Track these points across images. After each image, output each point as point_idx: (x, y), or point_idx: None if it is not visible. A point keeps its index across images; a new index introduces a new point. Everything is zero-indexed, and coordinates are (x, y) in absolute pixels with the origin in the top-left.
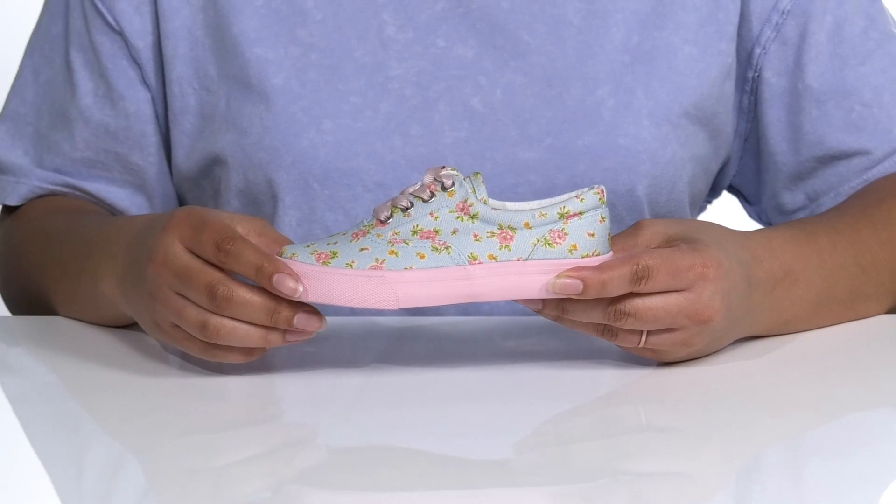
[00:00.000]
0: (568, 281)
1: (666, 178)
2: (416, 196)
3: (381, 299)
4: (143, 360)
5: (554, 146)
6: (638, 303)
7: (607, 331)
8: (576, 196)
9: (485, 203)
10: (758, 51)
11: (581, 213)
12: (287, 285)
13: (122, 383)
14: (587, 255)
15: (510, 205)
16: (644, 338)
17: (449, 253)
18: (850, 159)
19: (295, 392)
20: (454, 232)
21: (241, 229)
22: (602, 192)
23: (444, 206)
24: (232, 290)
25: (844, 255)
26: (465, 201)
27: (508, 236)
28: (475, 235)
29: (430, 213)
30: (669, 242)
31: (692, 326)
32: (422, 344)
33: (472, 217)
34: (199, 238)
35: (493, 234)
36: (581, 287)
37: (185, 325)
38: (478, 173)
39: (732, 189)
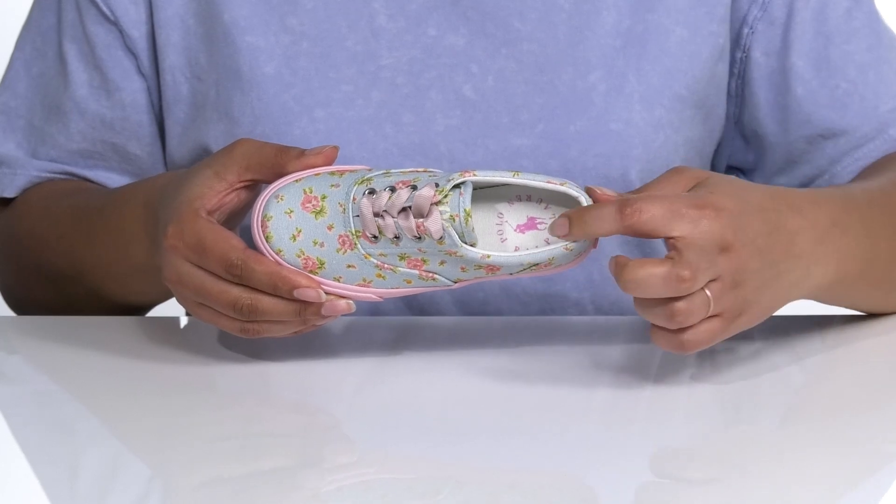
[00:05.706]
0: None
1: (659, 162)
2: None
3: (366, 297)
4: (137, 362)
5: (546, 132)
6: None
7: (671, 318)
8: (563, 247)
9: (473, 247)
10: (745, 30)
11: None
12: (310, 295)
13: (116, 385)
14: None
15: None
16: (709, 295)
17: (435, 281)
18: (836, 138)
19: (292, 392)
20: (442, 263)
21: (230, 177)
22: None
23: (432, 247)
24: (255, 301)
25: (882, 215)
26: (455, 253)
27: (495, 269)
28: (462, 268)
29: (419, 248)
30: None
31: (720, 257)
32: (421, 344)
33: (461, 256)
34: (206, 262)
35: (479, 268)
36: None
37: (222, 327)
38: (468, 214)
39: (731, 169)
